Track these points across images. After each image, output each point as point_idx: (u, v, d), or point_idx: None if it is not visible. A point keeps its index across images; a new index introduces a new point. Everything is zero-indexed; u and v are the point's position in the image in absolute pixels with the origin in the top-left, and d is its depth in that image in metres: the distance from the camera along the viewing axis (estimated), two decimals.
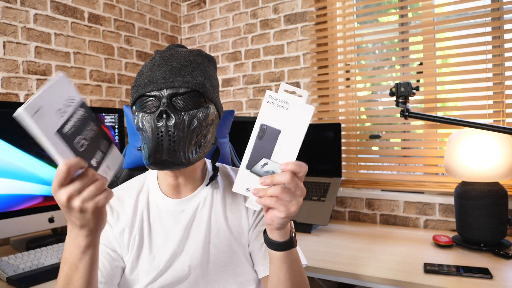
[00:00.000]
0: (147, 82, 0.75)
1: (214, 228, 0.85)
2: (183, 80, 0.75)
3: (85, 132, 0.60)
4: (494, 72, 1.65)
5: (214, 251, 0.84)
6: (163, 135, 0.73)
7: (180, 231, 0.84)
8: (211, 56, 0.86)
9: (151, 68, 0.77)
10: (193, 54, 0.81)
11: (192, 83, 0.76)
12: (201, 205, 0.86)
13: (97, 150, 0.62)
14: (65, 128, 0.56)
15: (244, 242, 0.87)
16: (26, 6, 1.69)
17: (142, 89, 0.76)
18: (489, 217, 1.39)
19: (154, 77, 0.75)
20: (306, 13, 2.09)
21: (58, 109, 0.55)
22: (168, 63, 0.76)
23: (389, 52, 2.00)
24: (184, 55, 0.79)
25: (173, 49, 0.82)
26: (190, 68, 0.77)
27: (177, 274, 0.83)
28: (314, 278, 1.92)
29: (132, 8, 2.20)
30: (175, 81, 0.75)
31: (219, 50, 2.41)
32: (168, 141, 0.73)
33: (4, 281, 1.15)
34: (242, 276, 0.85)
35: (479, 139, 1.43)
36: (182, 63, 0.77)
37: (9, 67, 1.63)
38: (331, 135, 1.89)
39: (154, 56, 0.80)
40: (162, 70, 0.75)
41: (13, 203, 1.40)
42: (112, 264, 0.81)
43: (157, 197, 0.86)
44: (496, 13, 1.64)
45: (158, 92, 0.75)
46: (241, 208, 0.88)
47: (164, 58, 0.78)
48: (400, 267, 1.25)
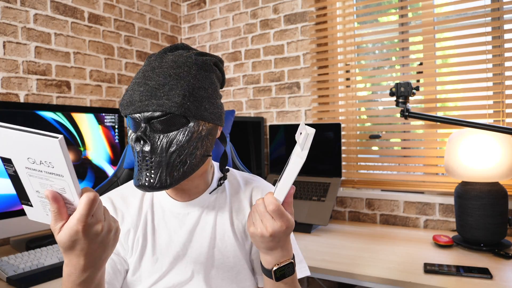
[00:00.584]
0: (128, 103, 0.74)
1: (220, 233, 0.85)
2: (157, 103, 0.71)
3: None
4: (494, 72, 1.65)
5: (218, 256, 0.84)
6: (141, 160, 0.73)
7: (184, 234, 0.83)
8: (208, 58, 0.80)
9: (133, 85, 0.75)
10: (178, 65, 0.75)
11: (167, 106, 0.71)
12: (206, 209, 0.85)
13: None
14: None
15: (248, 248, 0.87)
16: (26, 6, 1.69)
17: (124, 110, 0.75)
18: (489, 217, 1.39)
19: (134, 98, 0.73)
20: (306, 13, 2.09)
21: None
22: (146, 82, 0.73)
23: (389, 52, 2.00)
24: (167, 69, 0.74)
25: (163, 57, 0.77)
26: (167, 86, 0.72)
27: (179, 277, 0.82)
28: (314, 278, 1.92)
29: (132, 8, 2.20)
30: (150, 105, 0.71)
31: (219, 50, 2.41)
32: (146, 166, 0.73)
33: (4, 281, 1.15)
34: (244, 282, 0.85)
35: (479, 139, 1.43)
36: (160, 82, 0.72)
37: (9, 67, 1.63)
38: (331, 135, 1.89)
39: (143, 67, 0.78)
40: (140, 91, 0.72)
41: (13, 203, 1.40)
42: (115, 268, 0.81)
43: (162, 199, 0.86)
44: (496, 13, 1.64)
45: (138, 115, 0.73)
46: (247, 213, 0.88)
47: (145, 75, 0.74)
48: (400, 267, 1.25)
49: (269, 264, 0.72)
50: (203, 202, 0.85)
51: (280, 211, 0.66)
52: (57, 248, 1.35)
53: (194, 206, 0.85)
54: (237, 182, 0.91)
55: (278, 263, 0.71)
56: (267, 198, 0.67)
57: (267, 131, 2.19)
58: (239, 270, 0.84)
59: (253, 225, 0.69)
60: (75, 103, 1.88)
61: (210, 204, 0.86)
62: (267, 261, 0.72)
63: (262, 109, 2.25)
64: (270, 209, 0.66)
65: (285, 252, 0.72)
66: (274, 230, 0.66)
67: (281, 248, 0.71)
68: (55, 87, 1.80)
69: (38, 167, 0.54)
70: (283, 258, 0.72)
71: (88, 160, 1.66)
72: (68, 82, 1.86)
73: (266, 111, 2.24)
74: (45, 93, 1.75)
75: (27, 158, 0.53)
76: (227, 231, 0.85)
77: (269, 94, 2.23)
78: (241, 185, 0.91)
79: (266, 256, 0.72)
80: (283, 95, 2.17)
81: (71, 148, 1.60)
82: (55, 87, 1.80)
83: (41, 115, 1.50)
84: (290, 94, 2.15)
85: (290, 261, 0.72)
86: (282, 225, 0.67)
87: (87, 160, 1.66)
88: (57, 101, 1.81)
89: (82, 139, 1.64)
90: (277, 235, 0.67)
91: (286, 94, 2.16)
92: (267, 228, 0.66)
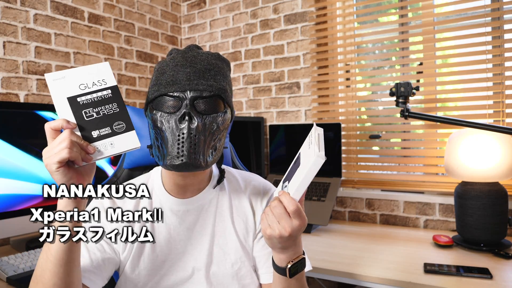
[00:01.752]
0: (169, 82, 0.74)
1: (219, 230, 0.85)
2: (207, 84, 0.75)
3: (101, 107, 0.67)
4: (494, 72, 1.65)
5: (218, 253, 0.84)
6: (185, 137, 0.72)
7: (184, 231, 0.84)
8: (228, 60, 0.86)
9: (173, 67, 0.76)
10: (214, 58, 0.80)
11: (216, 87, 0.76)
12: (206, 206, 0.86)
13: (106, 125, 0.66)
14: (80, 98, 0.67)
15: (249, 245, 0.87)
16: (26, 6, 1.69)
17: (164, 88, 0.75)
18: (489, 217, 1.39)
19: (178, 77, 0.74)
20: (306, 13, 2.09)
21: (82, 83, 0.68)
22: (192, 65, 0.76)
23: (389, 52, 2.00)
24: (207, 58, 0.79)
25: (194, 50, 0.80)
26: (213, 71, 0.77)
27: (180, 274, 0.82)
28: (314, 278, 1.92)
29: (132, 8, 2.20)
30: (199, 84, 0.74)
31: (219, 50, 2.41)
32: (189, 143, 0.72)
33: (4, 281, 1.15)
34: (245, 279, 0.85)
35: (479, 139, 1.43)
36: (206, 66, 0.77)
37: (9, 67, 1.63)
38: (331, 135, 1.89)
39: (175, 56, 0.79)
40: (186, 72, 0.75)
41: (13, 203, 1.40)
42: (104, 255, 0.80)
43: (161, 196, 0.86)
44: (496, 13, 1.64)
45: (181, 94, 0.74)
46: (247, 211, 0.88)
47: (187, 59, 0.77)
48: (400, 267, 1.25)
49: (283, 262, 0.72)
50: (202, 199, 0.86)
51: (299, 210, 0.67)
52: None
53: (194, 203, 0.85)
54: (236, 180, 0.92)
55: (292, 260, 0.72)
56: (285, 199, 0.67)
57: (267, 131, 2.19)
58: (240, 266, 0.85)
59: (270, 227, 0.68)
60: None
61: (209, 201, 0.86)
62: (281, 259, 0.72)
63: (262, 109, 2.25)
64: (291, 209, 0.66)
65: (298, 248, 0.72)
66: (293, 230, 0.66)
67: (295, 245, 0.71)
68: None
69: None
70: (296, 254, 0.72)
71: None
72: None
73: (266, 111, 2.24)
74: (45, 93, 1.75)
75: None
76: (228, 228, 0.86)
77: (269, 94, 2.23)
78: (240, 183, 0.92)
79: (281, 255, 0.72)
80: (283, 95, 2.17)
81: None
82: None
83: (41, 115, 1.50)
84: (290, 94, 2.15)
85: (302, 257, 0.73)
86: (300, 224, 0.67)
87: None
88: None
89: None
90: (295, 234, 0.67)
91: (286, 94, 2.16)
92: (286, 229, 0.66)
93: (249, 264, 0.86)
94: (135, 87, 2.22)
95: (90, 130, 0.65)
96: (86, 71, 0.69)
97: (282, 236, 0.67)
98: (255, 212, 0.89)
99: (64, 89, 0.66)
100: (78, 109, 0.66)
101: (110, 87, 0.69)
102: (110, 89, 0.69)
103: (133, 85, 2.21)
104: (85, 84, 0.68)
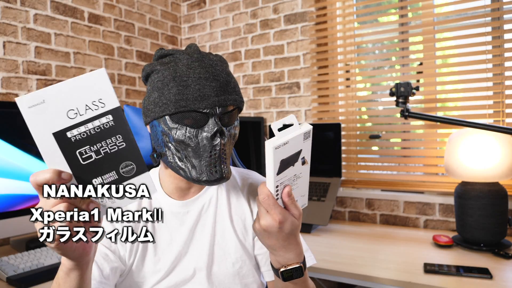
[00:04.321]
0: (197, 98, 0.73)
1: (219, 230, 0.86)
2: (232, 98, 0.77)
3: (101, 144, 0.50)
4: (494, 72, 1.65)
5: (219, 253, 0.85)
6: (217, 153, 0.75)
7: (185, 233, 0.84)
8: None
9: (197, 80, 0.74)
10: (223, 63, 0.80)
11: (239, 101, 0.79)
12: (206, 206, 0.86)
13: (111, 169, 0.51)
14: (70, 132, 0.49)
15: (249, 243, 0.87)
16: (26, 6, 1.69)
17: (193, 104, 0.73)
18: (489, 217, 1.39)
19: (205, 92, 0.73)
20: (306, 13, 2.09)
21: (71, 109, 0.49)
22: (216, 78, 0.75)
23: (389, 52, 2.00)
24: (221, 67, 0.78)
25: (206, 57, 0.78)
26: (232, 83, 0.78)
27: (182, 275, 0.83)
28: (314, 278, 1.92)
29: (132, 8, 2.20)
30: (227, 100, 0.75)
31: (219, 50, 2.41)
32: (221, 159, 0.76)
33: (4, 281, 1.15)
34: (247, 278, 0.86)
35: (479, 139, 1.43)
36: (226, 79, 0.77)
37: (9, 67, 1.63)
38: (331, 135, 1.89)
39: (192, 65, 0.75)
40: (212, 86, 0.74)
41: (13, 203, 1.40)
42: (111, 265, 0.80)
43: (160, 199, 0.86)
44: (496, 13, 1.64)
45: (211, 110, 0.74)
46: (245, 209, 0.88)
47: (208, 70, 0.75)
48: (400, 267, 1.25)
49: (276, 264, 0.70)
50: (202, 200, 0.86)
51: (271, 203, 0.62)
52: None
53: (194, 204, 0.86)
54: (234, 178, 0.93)
55: (285, 265, 0.69)
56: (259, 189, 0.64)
57: (267, 131, 2.19)
58: (241, 265, 0.85)
59: (257, 221, 0.65)
60: None
61: (209, 201, 0.87)
62: (273, 261, 0.71)
63: (262, 109, 2.25)
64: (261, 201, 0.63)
65: (293, 254, 0.68)
66: (268, 225, 0.63)
67: (284, 249, 0.67)
68: None
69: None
70: (288, 261, 0.68)
71: None
72: None
73: (266, 111, 2.24)
74: None
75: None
76: (227, 227, 0.86)
77: (269, 94, 2.23)
78: (237, 181, 0.92)
79: (272, 256, 0.71)
80: (283, 95, 2.17)
81: None
82: None
83: None
84: (290, 94, 2.15)
85: (299, 265, 0.69)
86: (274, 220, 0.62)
87: None
88: None
89: None
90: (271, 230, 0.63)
91: (286, 94, 2.16)
92: (262, 224, 0.63)
93: (250, 263, 0.86)
94: (135, 87, 2.22)
95: (89, 178, 0.50)
96: (74, 86, 0.48)
97: (259, 232, 0.65)
98: (252, 211, 0.89)
99: (46, 120, 0.47)
100: (69, 149, 0.49)
101: (110, 111, 0.50)
102: (110, 114, 0.50)
103: (133, 85, 2.21)
104: (75, 110, 0.49)
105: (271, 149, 0.58)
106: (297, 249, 0.69)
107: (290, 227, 0.64)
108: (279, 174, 0.61)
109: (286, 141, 0.59)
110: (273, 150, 0.58)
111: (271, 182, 0.61)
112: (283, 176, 0.63)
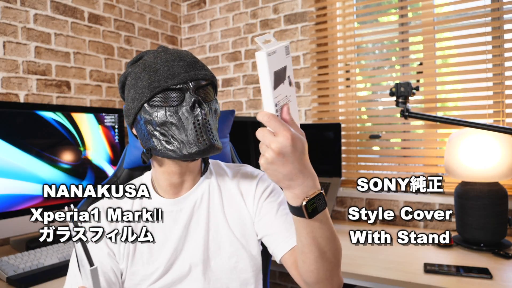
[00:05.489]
0: (168, 76, 0.76)
1: (213, 225, 0.86)
2: (203, 73, 0.79)
3: None
4: (494, 72, 1.65)
5: (214, 248, 0.84)
6: (201, 123, 0.76)
7: (179, 230, 0.84)
8: None
9: (165, 63, 0.78)
10: (189, 52, 0.85)
11: (209, 75, 0.81)
12: (198, 203, 0.86)
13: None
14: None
15: (248, 234, 0.86)
16: (26, 6, 1.69)
17: (165, 83, 0.76)
18: (489, 217, 1.39)
19: (174, 71, 0.77)
20: (306, 13, 2.09)
21: None
22: (182, 58, 0.79)
23: (389, 52, 2.00)
24: (186, 52, 0.82)
25: (170, 49, 0.83)
26: (200, 63, 0.82)
27: (178, 272, 0.83)
28: None
29: (132, 8, 2.20)
30: (197, 74, 0.78)
31: (219, 50, 2.41)
32: (206, 128, 0.76)
33: (4, 281, 1.15)
34: (244, 273, 0.85)
35: (479, 139, 1.43)
36: (193, 59, 0.81)
37: (9, 67, 1.63)
38: (331, 135, 1.89)
39: (158, 55, 0.80)
40: (180, 65, 0.78)
41: (13, 203, 1.40)
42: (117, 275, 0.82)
43: (153, 199, 0.86)
44: (496, 13, 1.64)
45: (184, 85, 0.77)
46: (239, 201, 0.88)
47: (173, 55, 0.80)
48: (400, 267, 1.25)
49: (298, 200, 0.62)
50: (194, 196, 0.86)
51: (275, 122, 0.58)
52: (57, 248, 1.35)
53: (186, 202, 0.86)
54: (224, 171, 0.93)
55: (307, 196, 0.61)
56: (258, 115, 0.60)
57: None
58: (237, 260, 0.84)
59: (261, 157, 0.60)
60: (75, 103, 1.88)
61: (201, 197, 0.87)
62: (293, 197, 0.62)
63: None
64: (266, 123, 0.59)
65: (311, 181, 0.62)
66: (281, 146, 0.57)
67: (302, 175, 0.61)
68: (55, 87, 1.80)
69: None
70: (310, 188, 0.62)
71: (88, 160, 1.66)
72: (68, 82, 1.86)
73: None
74: (45, 93, 1.75)
75: None
76: (221, 222, 0.86)
77: None
78: (228, 174, 0.92)
79: (291, 191, 0.62)
80: None
81: (71, 148, 1.60)
82: (55, 87, 1.80)
83: (41, 115, 1.50)
84: None
85: (319, 192, 0.62)
86: (287, 137, 0.57)
87: (87, 160, 1.66)
88: (57, 101, 1.81)
89: (82, 139, 1.64)
90: (286, 152, 0.57)
91: None
92: (273, 149, 0.57)
93: (247, 258, 0.85)
94: None
95: None
96: None
97: (273, 160, 0.58)
98: (245, 201, 0.88)
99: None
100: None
101: None
102: None
103: None
104: None
105: (264, 56, 0.58)
106: (314, 174, 0.64)
107: (301, 145, 0.60)
108: (275, 89, 0.60)
109: (275, 50, 0.60)
110: (267, 57, 0.58)
111: (269, 100, 0.59)
112: (278, 94, 0.60)
